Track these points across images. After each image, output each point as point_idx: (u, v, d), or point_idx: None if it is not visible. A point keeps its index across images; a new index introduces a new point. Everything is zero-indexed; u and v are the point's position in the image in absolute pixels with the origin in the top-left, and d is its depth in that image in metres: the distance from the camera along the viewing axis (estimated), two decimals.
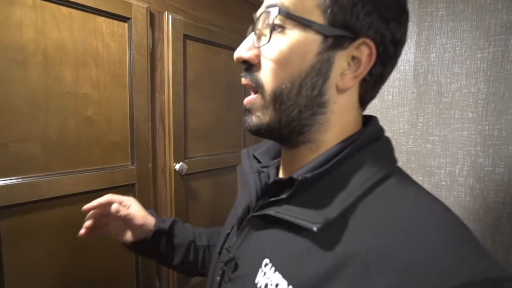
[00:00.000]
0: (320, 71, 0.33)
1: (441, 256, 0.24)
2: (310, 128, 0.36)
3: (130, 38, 0.86)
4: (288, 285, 0.30)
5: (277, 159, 0.47)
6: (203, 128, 1.08)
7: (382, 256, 0.26)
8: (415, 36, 0.97)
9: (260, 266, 0.34)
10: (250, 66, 0.36)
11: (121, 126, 0.87)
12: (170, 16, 0.93)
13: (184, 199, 1.04)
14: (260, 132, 0.36)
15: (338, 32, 0.32)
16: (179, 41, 0.97)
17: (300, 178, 0.32)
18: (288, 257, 0.32)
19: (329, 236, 0.30)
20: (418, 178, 0.98)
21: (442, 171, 0.94)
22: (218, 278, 0.41)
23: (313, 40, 0.33)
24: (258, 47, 0.35)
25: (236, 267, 0.38)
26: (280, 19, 0.33)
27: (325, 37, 0.32)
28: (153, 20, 0.92)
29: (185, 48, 0.99)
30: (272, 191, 0.38)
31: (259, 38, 0.35)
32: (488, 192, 0.86)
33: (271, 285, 0.32)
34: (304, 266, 0.31)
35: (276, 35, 0.33)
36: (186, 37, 0.99)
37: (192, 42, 1.02)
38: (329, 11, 0.32)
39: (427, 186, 0.97)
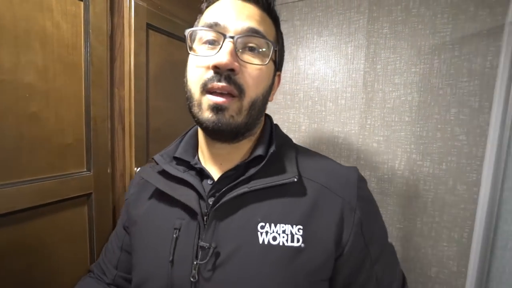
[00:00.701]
0: (270, 89, 0.49)
1: (347, 172, 0.50)
2: (256, 125, 0.49)
3: (86, 20, 0.72)
4: (292, 225, 0.43)
5: (196, 156, 0.54)
6: (165, 128, 0.98)
7: (330, 181, 0.47)
8: (364, 49, 1.11)
9: (257, 230, 0.43)
10: (231, 73, 0.42)
11: (75, 125, 0.72)
12: (133, 1, 0.82)
13: None
14: (232, 131, 0.44)
15: (276, 65, 0.50)
16: (142, 30, 0.86)
17: (271, 151, 0.46)
18: (279, 212, 0.44)
19: (297, 188, 0.46)
20: (366, 172, 1.13)
21: (385, 166, 1.11)
22: (193, 279, 0.42)
23: (272, 67, 0.48)
24: (245, 62, 0.44)
25: (218, 254, 0.43)
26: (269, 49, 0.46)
27: (275, 67, 0.49)
28: (112, 3, 0.79)
29: (147, 39, 0.89)
30: (228, 177, 0.47)
31: (238, 50, 0.43)
32: (419, 182, 1.06)
33: (279, 234, 0.42)
34: (294, 211, 0.44)
35: (260, 56, 0.45)
36: (148, 26, 0.88)
37: (154, 33, 0.91)
38: (277, 52, 0.48)
39: (373, 180, 1.13)
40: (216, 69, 0.41)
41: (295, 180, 0.44)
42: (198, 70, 0.43)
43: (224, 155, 0.49)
